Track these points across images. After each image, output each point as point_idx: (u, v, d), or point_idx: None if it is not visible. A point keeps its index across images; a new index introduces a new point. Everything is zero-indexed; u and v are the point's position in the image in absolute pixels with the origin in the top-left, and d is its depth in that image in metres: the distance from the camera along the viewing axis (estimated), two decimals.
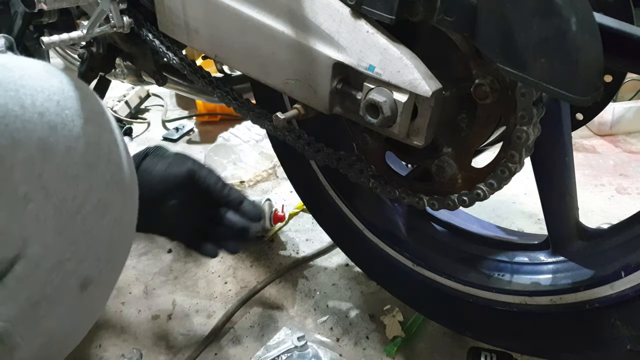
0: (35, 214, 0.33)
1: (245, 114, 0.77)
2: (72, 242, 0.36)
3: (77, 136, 0.34)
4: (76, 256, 0.36)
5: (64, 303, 0.38)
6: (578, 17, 0.40)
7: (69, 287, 0.37)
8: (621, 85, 0.68)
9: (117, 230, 0.40)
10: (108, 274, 0.42)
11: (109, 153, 0.38)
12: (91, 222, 0.37)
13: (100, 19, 0.81)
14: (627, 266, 0.55)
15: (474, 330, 0.75)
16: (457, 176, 0.59)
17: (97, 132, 0.37)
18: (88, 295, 0.39)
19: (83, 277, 0.38)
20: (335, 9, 0.53)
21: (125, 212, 0.41)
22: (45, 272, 0.35)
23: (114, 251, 0.41)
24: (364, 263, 0.92)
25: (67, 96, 0.35)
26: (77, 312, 0.40)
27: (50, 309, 0.37)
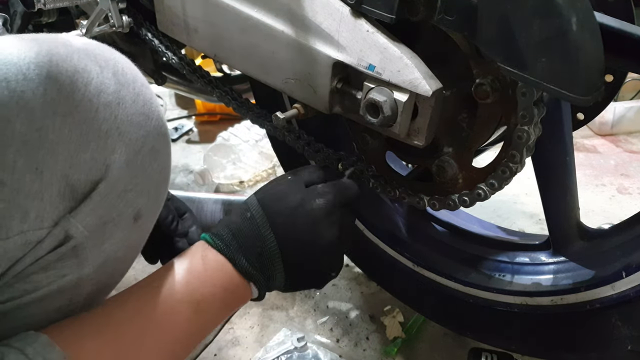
0: (113, 147, 0.42)
1: (244, 114, 0.77)
2: (134, 176, 0.44)
3: (138, 93, 0.45)
4: (136, 189, 0.45)
5: (121, 229, 0.45)
6: (578, 17, 0.40)
7: (127, 215, 0.45)
8: (622, 84, 0.68)
9: (162, 175, 0.49)
10: (152, 213, 0.50)
11: (157, 110, 0.47)
12: (147, 162, 0.45)
13: (100, 19, 0.81)
14: (628, 266, 0.55)
15: (474, 331, 0.75)
16: (458, 176, 0.59)
17: (149, 93, 0.47)
18: (137, 227, 0.47)
19: (137, 209, 0.46)
20: (335, 8, 0.53)
21: (167, 160, 0.50)
22: (115, 197, 0.43)
23: (158, 194, 0.50)
24: (364, 263, 0.91)
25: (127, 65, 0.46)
26: (127, 242, 0.48)
27: (112, 232, 0.44)
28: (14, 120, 0.37)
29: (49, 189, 0.39)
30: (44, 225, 0.40)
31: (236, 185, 1.40)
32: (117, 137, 0.42)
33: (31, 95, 0.37)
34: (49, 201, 0.39)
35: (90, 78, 0.41)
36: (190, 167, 1.51)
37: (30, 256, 0.40)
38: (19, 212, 0.38)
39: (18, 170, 0.37)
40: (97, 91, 0.41)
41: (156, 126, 0.46)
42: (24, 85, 0.37)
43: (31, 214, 0.39)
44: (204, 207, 1.12)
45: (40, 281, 0.42)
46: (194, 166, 1.49)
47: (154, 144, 0.46)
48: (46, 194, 0.39)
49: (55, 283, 0.43)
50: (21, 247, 0.39)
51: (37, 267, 0.41)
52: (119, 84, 0.43)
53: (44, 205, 0.39)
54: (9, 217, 0.38)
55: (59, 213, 0.40)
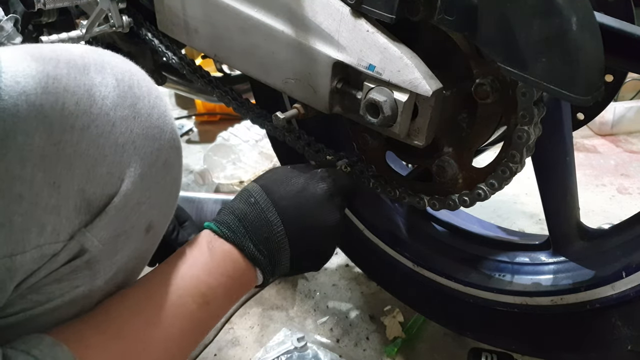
0: (128, 161, 0.42)
1: (244, 114, 0.77)
2: (147, 189, 0.45)
3: (153, 105, 0.45)
4: (148, 201, 0.45)
5: (133, 241, 0.46)
6: (579, 17, 0.40)
7: (139, 227, 0.46)
8: (622, 84, 0.68)
9: (174, 187, 0.49)
10: (163, 224, 0.51)
11: (171, 123, 0.47)
12: (160, 175, 0.46)
13: (100, 19, 0.81)
14: (628, 266, 0.55)
15: (474, 331, 0.75)
16: (458, 176, 0.59)
17: (163, 106, 0.47)
18: (148, 239, 0.48)
19: (149, 221, 0.47)
20: (335, 8, 0.53)
21: (179, 173, 0.50)
22: (129, 210, 0.43)
23: (169, 206, 0.50)
24: (364, 263, 0.91)
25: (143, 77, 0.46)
26: (137, 253, 0.48)
27: (124, 244, 0.45)
28: (32, 134, 0.36)
29: (66, 203, 0.39)
30: (60, 239, 0.40)
31: (236, 185, 1.40)
32: (133, 151, 0.42)
33: (50, 109, 0.37)
34: (65, 215, 0.39)
35: (108, 92, 0.41)
36: (190, 167, 1.51)
37: (45, 269, 0.40)
38: (36, 226, 0.38)
39: (36, 185, 0.37)
40: (114, 105, 0.41)
41: (170, 139, 0.46)
42: (43, 98, 0.37)
43: (48, 228, 0.39)
44: (204, 207, 1.12)
45: (53, 292, 0.42)
46: (194, 166, 1.49)
47: (168, 157, 0.46)
48: (63, 208, 0.39)
49: (67, 294, 0.43)
50: (37, 260, 0.39)
51: (51, 279, 0.41)
52: (135, 97, 0.43)
53: (61, 219, 0.39)
54: (27, 231, 0.38)
55: (74, 227, 0.40)
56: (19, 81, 0.36)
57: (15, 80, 0.36)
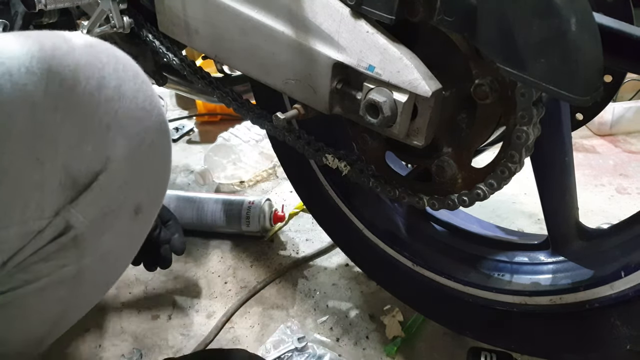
0: (113, 141, 0.43)
1: (245, 114, 0.77)
2: (134, 169, 0.45)
3: (138, 89, 0.45)
4: (135, 182, 0.46)
5: (121, 222, 0.47)
6: (578, 17, 0.40)
7: (127, 208, 0.46)
8: (621, 85, 0.68)
9: (162, 171, 0.50)
10: (152, 208, 0.51)
11: (157, 107, 0.48)
12: (147, 157, 0.46)
13: (101, 19, 0.81)
14: (627, 266, 0.55)
15: (473, 330, 0.75)
16: (457, 176, 0.59)
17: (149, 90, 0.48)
18: (138, 221, 0.48)
19: (137, 203, 0.47)
20: (335, 9, 0.54)
21: (168, 157, 0.51)
22: (116, 189, 0.44)
23: (158, 188, 0.51)
24: (364, 263, 0.92)
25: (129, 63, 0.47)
26: (127, 236, 0.49)
27: (112, 223, 0.45)
28: (16, 113, 0.37)
29: (50, 179, 0.40)
30: (45, 215, 0.40)
31: (237, 185, 1.40)
32: (118, 131, 0.43)
33: (33, 89, 0.38)
34: (49, 191, 0.40)
35: (92, 73, 0.42)
36: (190, 167, 1.51)
37: (31, 246, 0.41)
38: (20, 201, 0.38)
39: (20, 161, 0.38)
40: (99, 86, 0.42)
41: (156, 122, 0.47)
42: (27, 78, 0.38)
43: (32, 204, 0.39)
44: (204, 207, 1.13)
45: (41, 271, 0.43)
46: (195, 166, 1.49)
47: (154, 139, 0.47)
48: (47, 184, 0.40)
49: (55, 273, 0.43)
50: (22, 236, 0.40)
51: (38, 258, 0.42)
52: (120, 79, 0.44)
53: (45, 195, 0.40)
54: (11, 206, 0.38)
55: (59, 203, 0.41)
56: (3, 62, 0.37)
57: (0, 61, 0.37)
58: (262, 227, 1.12)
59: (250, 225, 1.11)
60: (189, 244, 1.14)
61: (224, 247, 1.14)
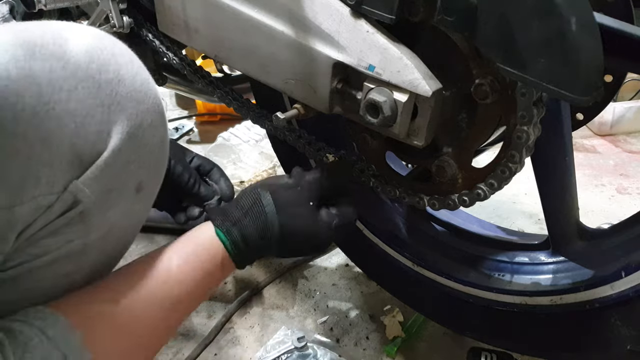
0: (115, 120, 0.45)
1: (245, 114, 0.77)
2: (136, 148, 0.47)
3: (136, 72, 0.48)
4: (137, 161, 0.48)
5: (124, 199, 0.49)
6: (578, 17, 0.40)
7: (130, 185, 0.49)
8: (621, 85, 0.68)
9: (162, 150, 0.52)
10: (153, 186, 0.53)
11: (153, 90, 0.50)
12: (148, 136, 0.48)
13: (100, 19, 0.81)
14: (627, 266, 0.55)
15: (474, 331, 0.75)
16: (458, 176, 0.59)
17: (146, 74, 0.50)
18: (139, 199, 0.51)
19: (139, 181, 0.49)
20: (335, 8, 0.53)
21: (165, 137, 0.53)
22: (119, 167, 0.46)
23: (158, 168, 0.53)
24: (364, 263, 0.92)
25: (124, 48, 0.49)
26: (130, 212, 0.51)
27: (116, 200, 0.48)
28: (23, 94, 0.39)
29: (58, 157, 0.42)
30: (54, 190, 0.43)
31: (237, 185, 1.40)
32: (119, 112, 0.45)
33: (39, 72, 0.40)
34: (58, 168, 0.42)
35: (93, 57, 0.44)
36: None
37: (41, 220, 0.43)
38: (32, 178, 0.41)
39: (30, 140, 0.40)
40: (99, 69, 0.44)
41: (154, 104, 0.49)
42: (32, 63, 0.40)
43: (43, 180, 0.41)
44: None
45: (50, 245, 0.45)
46: None
47: (152, 120, 0.49)
48: (56, 161, 0.42)
49: (63, 248, 0.46)
50: (33, 211, 0.42)
51: (47, 232, 0.44)
52: (118, 64, 0.46)
53: (54, 171, 0.42)
54: (24, 183, 0.40)
55: (67, 179, 0.43)
56: (7, 49, 0.39)
57: (4, 49, 0.39)
58: None
59: None
60: None
61: None
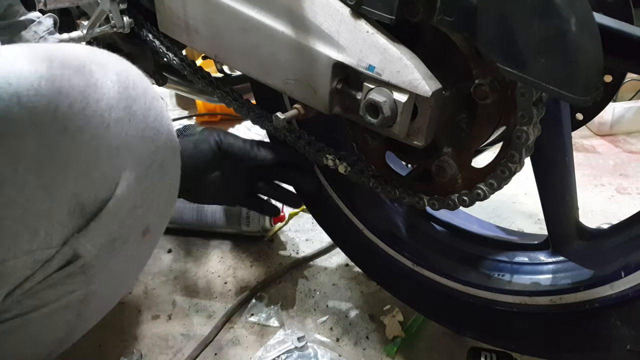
0: (123, 164, 0.41)
1: (245, 114, 0.77)
2: (144, 192, 0.44)
3: (149, 107, 0.44)
4: (144, 205, 0.45)
5: (130, 245, 0.45)
6: (578, 18, 0.40)
7: (136, 231, 0.45)
8: (621, 85, 0.68)
9: (172, 190, 0.49)
10: (160, 227, 0.51)
11: (168, 124, 0.47)
12: (157, 178, 0.45)
13: (100, 19, 0.81)
14: (627, 266, 0.55)
15: (473, 330, 0.75)
16: (457, 176, 0.59)
17: (160, 107, 0.46)
18: (145, 242, 0.48)
19: (146, 224, 0.46)
20: (335, 9, 0.53)
21: (177, 175, 0.50)
22: (125, 213, 0.43)
23: (167, 207, 0.50)
24: (364, 263, 0.92)
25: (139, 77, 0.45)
26: (135, 257, 0.48)
27: (120, 248, 0.44)
28: (25, 137, 0.36)
29: (59, 207, 0.38)
30: (53, 244, 0.39)
31: None
32: (128, 154, 0.42)
33: (42, 111, 0.36)
34: (57, 220, 0.39)
35: (103, 93, 0.40)
36: None
37: (39, 274, 0.40)
38: (28, 231, 0.37)
39: (28, 189, 0.36)
40: (109, 106, 0.40)
41: (166, 140, 0.46)
42: (35, 100, 0.36)
43: (40, 233, 0.38)
44: (204, 207, 1.13)
45: (49, 297, 0.42)
46: None
47: (164, 159, 0.46)
48: (55, 213, 0.38)
49: (63, 299, 0.43)
50: (30, 265, 0.39)
51: (46, 285, 0.41)
52: (131, 98, 0.42)
53: (53, 224, 0.39)
54: (18, 236, 0.37)
55: (67, 232, 0.40)
56: (11, 83, 0.35)
57: (8, 82, 0.35)
58: (262, 227, 1.12)
59: (250, 225, 1.11)
60: (188, 244, 1.14)
61: (224, 247, 1.13)
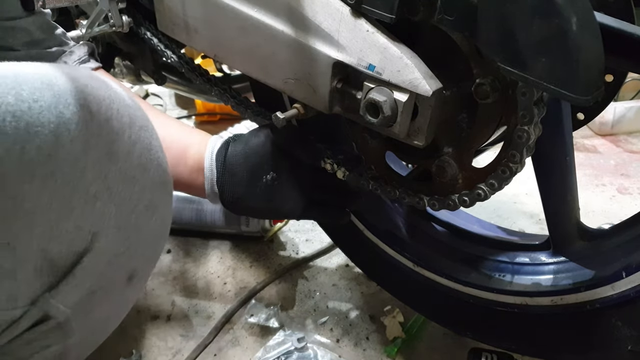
0: (102, 212, 0.36)
1: (243, 112, 0.77)
2: (127, 238, 0.39)
3: (135, 141, 0.38)
4: (128, 251, 0.40)
5: (113, 293, 0.42)
6: (579, 17, 0.40)
7: (119, 279, 0.41)
8: (622, 84, 0.68)
9: (161, 228, 0.44)
10: (149, 268, 0.47)
11: (157, 157, 0.41)
12: (143, 220, 0.40)
13: (99, 18, 0.81)
14: (628, 266, 0.55)
15: (474, 331, 0.75)
16: (458, 176, 0.59)
17: (148, 137, 0.41)
18: (131, 287, 0.43)
19: (131, 270, 0.42)
20: (335, 8, 0.53)
21: (167, 212, 0.45)
22: (104, 265, 0.38)
23: (156, 248, 0.45)
24: (364, 263, 0.91)
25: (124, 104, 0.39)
26: (120, 302, 0.45)
27: (102, 299, 0.40)
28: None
29: (24, 266, 0.34)
30: (19, 304, 0.35)
31: None
32: (107, 199, 0.36)
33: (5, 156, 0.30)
34: (23, 280, 0.34)
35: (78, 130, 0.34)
36: None
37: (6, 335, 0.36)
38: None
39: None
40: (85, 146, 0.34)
41: (154, 176, 0.41)
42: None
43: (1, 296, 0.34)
44: (203, 207, 1.12)
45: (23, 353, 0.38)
46: None
47: (152, 198, 0.41)
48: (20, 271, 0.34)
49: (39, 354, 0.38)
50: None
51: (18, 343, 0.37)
52: (113, 133, 0.37)
53: (18, 284, 0.34)
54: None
55: (35, 291, 0.35)
56: None
57: None
58: (262, 227, 1.12)
59: (249, 226, 1.11)
60: (187, 244, 1.14)
61: (224, 247, 1.13)
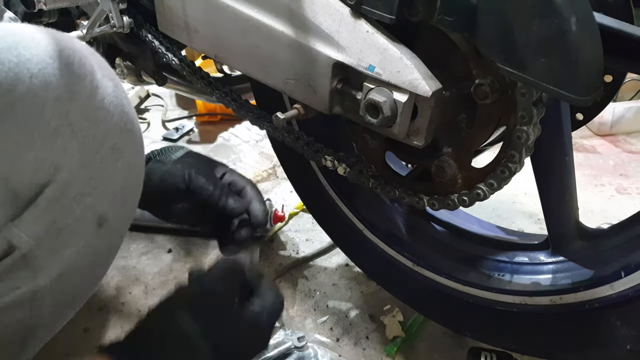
0: (63, 146, 0.38)
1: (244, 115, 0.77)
2: (92, 178, 0.41)
3: (97, 86, 0.41)
4: (95, 192, 0.41)
5: (82, 236, 0.42)
6: (578, 17, 0.40)
7: (88, 221, 0.42)
8: (621, 85, 0.68)
9: (129, 174, 0.45)
10: (121, 216, 0.47)
11: (122, 105, 0.43)
12: (108, 162, 0.42)
13: (100, 19, 0.81)
14: (627, 266, 0.55)
15: (474, 331, 0.75)
16: (457, 176, 0.59)
17: (112, 85, 0.43)
18: (103, 233, 0.44)
19: (99, 214, 0.43)
20: (335, 8, 0.53)
21: (136, 158, 0.46)
22: (69, 201, 0.39)
23: (126, 195, 0.46)
24: (364, 263, 0.92)
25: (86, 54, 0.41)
26: (93, 250, 0.44)
27: (70, 239, 0.41)
28: None
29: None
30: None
31: None
32: (69, 135, 0.38)
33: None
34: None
35: (38, 69, 0.37)
36: None
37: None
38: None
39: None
40: (45, 84, 0.37)
41: (119, 122, 0.42)
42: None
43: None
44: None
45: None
46: None
47: (117, 142, 0.42)
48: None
49: (8, 296, 0.39)
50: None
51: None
52: (74, 75, 0.39)
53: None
54: None
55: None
56: None
57: None
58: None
59: None
60: (188, 243, 1.14)
61: None
